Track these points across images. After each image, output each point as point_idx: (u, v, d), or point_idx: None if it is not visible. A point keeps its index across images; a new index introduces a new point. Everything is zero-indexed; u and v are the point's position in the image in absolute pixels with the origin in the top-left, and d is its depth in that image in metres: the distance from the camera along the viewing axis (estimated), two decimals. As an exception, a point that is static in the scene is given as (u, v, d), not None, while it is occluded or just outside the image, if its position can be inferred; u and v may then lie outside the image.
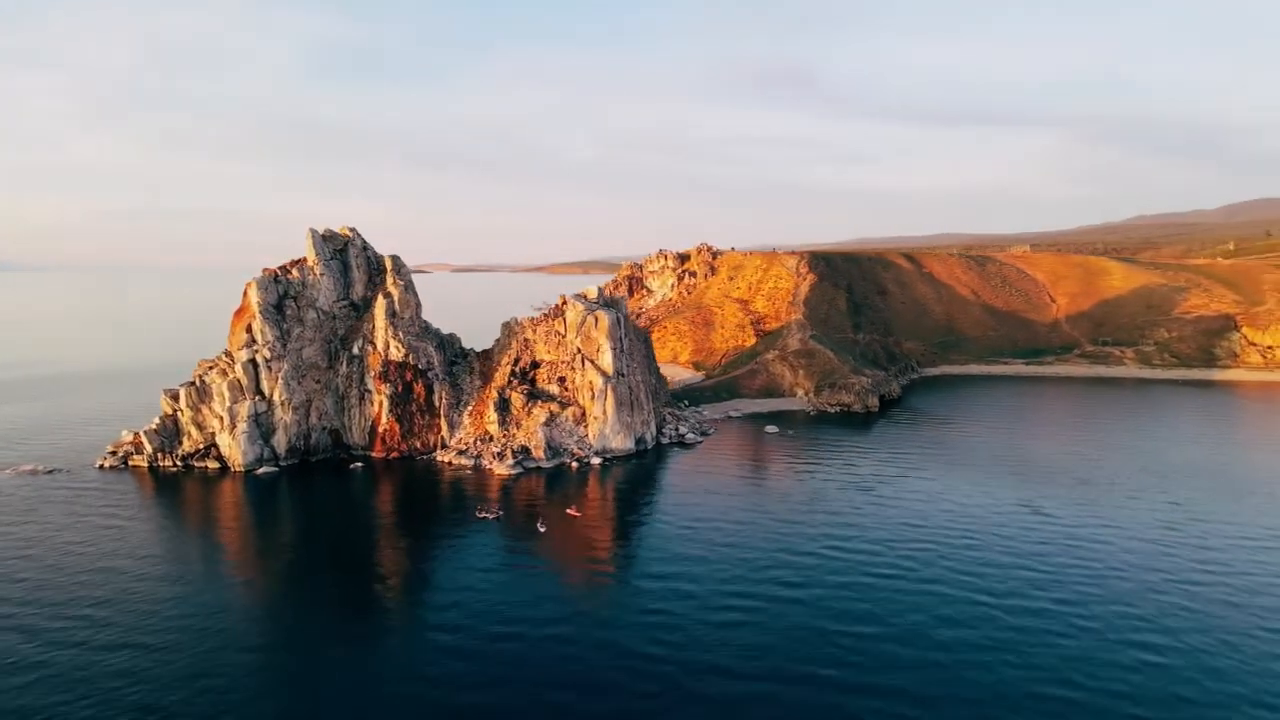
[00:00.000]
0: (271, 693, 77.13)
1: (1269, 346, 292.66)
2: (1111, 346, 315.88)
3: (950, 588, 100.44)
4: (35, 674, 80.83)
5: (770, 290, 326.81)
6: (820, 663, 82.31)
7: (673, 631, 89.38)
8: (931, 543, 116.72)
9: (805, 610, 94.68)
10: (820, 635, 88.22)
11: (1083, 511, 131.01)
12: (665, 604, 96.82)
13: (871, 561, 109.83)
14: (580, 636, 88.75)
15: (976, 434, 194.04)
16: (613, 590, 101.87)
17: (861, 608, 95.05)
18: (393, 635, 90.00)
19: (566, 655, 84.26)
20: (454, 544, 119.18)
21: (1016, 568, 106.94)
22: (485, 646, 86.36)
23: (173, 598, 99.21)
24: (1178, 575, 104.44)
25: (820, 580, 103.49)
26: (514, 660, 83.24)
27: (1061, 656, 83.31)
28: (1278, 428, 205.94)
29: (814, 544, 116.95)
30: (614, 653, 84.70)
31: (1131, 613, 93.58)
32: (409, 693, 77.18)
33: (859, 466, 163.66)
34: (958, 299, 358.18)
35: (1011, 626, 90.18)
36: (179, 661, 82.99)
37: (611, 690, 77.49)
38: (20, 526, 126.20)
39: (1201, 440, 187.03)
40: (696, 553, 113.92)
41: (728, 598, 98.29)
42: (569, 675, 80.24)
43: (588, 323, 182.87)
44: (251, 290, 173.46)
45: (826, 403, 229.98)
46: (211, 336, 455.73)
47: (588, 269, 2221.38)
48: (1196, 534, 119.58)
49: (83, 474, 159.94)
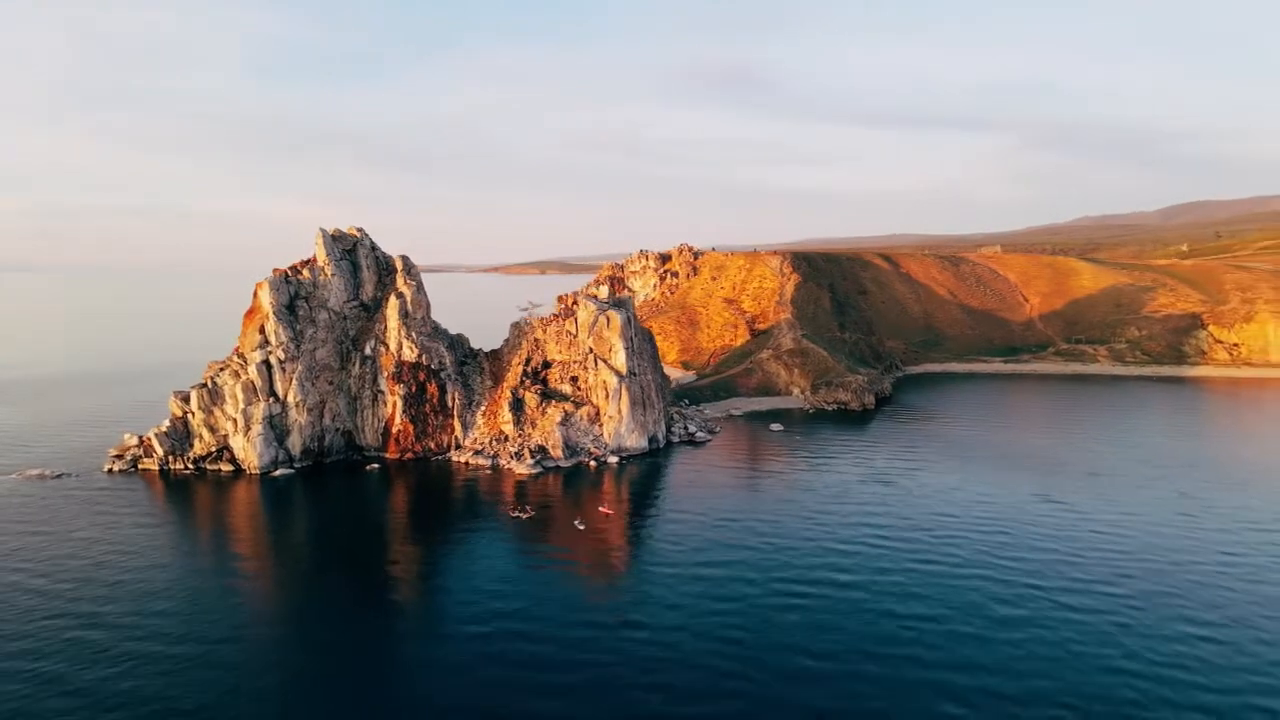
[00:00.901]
0: (327, 699, 77.39)
1: (1235, 344, 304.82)
2: (1085, 344, 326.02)
3: (999, 574, 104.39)
4: (109, 672, 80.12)
5: (755, 290, 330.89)
6: (899, 644, 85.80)
7: (748, 618, 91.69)
8: (967, 533, 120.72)
9: (867, 597, 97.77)
10: (889, 620, 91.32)
11: (1100, 502, 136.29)
12: (730, 594, 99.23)
13: (916, 551, 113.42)
14: (654, 623, 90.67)
15: (975, 430, 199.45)
16: (675, 583, 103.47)
17: (921, 594, 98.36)
18: (460, 637, 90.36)
19: (650, 645, 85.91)
20: (496, 544, 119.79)
21: (1053, 556, 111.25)
22: (563, 636, 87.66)
23: (219, 602, 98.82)
24: (1206, 559, 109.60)
25: (871, 570, 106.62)
26: (605, 650, 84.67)
27: (1120, 636, 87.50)
28: (1257, 422, 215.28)
29: (854, 535, 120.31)
30: (697, 641, 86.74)
31: (1173, 592, 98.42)
32: (507, 689, 78.15)
33: (872, 461, 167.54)
34: (935, 299, 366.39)
35: (1066, 606, 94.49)
36: (231, 666, 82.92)
37: (705, 674, 79.41)
38: (49, 533, 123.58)
39: (1190, 434, 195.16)
40: (742, 545, 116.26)
41: (789, 584, 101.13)
42: (660, 664, 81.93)
43: (600, 322, 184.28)
44: (263, 291, 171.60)
45: (824, 401, 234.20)
46: (177, 337, 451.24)
47: (544, 269, 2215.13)
48: (1214, 523, 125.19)
49: (93, 478, 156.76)
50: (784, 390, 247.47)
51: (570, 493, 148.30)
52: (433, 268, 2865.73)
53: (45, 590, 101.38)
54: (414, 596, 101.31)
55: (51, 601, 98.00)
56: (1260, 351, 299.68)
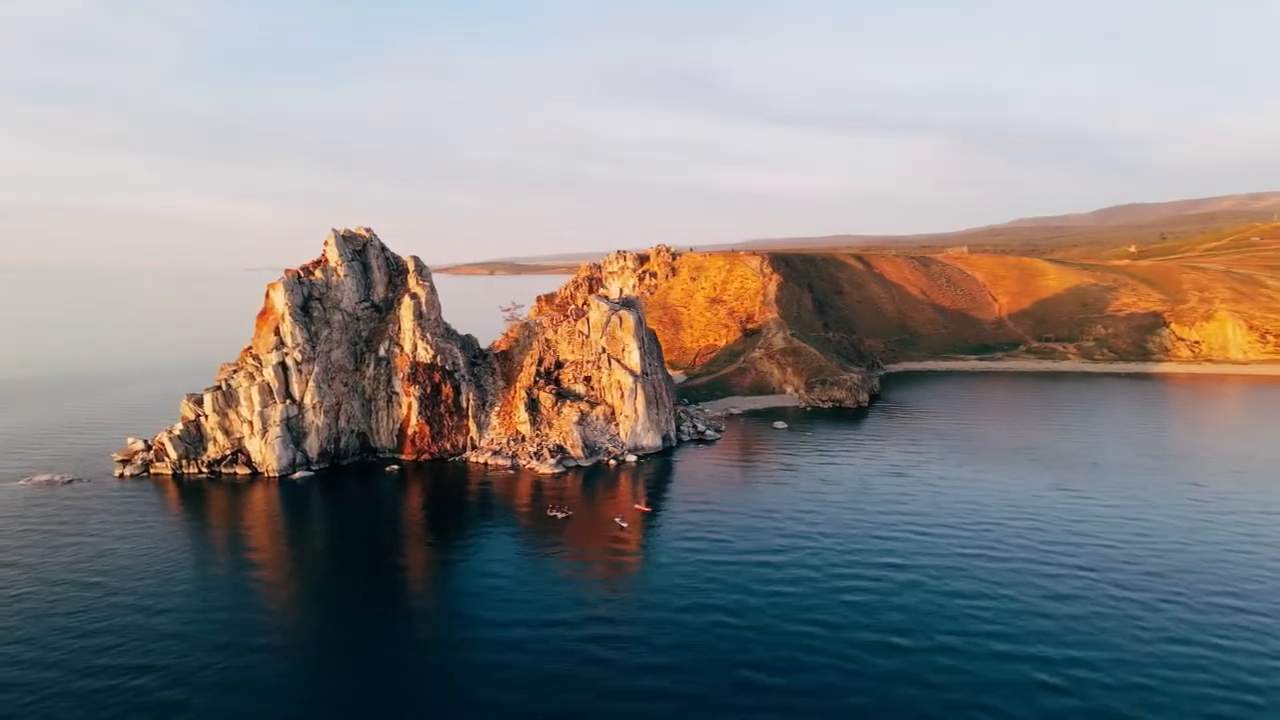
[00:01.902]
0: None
1: (1196, 341, 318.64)
2: (1055, 343, 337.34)
3: (1046, 562, 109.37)
4: (158, 679, 79.92)
5: (737, 290, 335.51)
6: (974, 623, 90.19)
7: (819, 609, 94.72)
8: (999, 523, 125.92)
9: (927, 581, 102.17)
10: (955, 605, 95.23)
11: (1115, 492, 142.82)
12: (796, 579, 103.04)
13: (956, 539, 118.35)
14: (739, 609, 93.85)
15: (969, 425, 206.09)
16: (740, 572, 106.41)
17: (979, 579, 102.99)
18: (547, 636, 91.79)
19: (736, 632, 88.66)
20: (544, 544, 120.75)
21: (1090, 544, 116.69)
22: (651, 633, 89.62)
23: (266, 606, 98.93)
24: (1230, 544, 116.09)
25: (921, 557, 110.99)
26: (694, 644, 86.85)
27: (1177, 612, 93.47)
28: (1234, 415, 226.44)
29: (893, 524, 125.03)
30: (776, 628, 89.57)
31: (1210, 575, 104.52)
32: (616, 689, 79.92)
33: (883, 456, 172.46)
34: (909, 299, 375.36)
35: (1121, 585, 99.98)
36: (281, 672, 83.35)
37: (790, 665, 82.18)
38: (81, 539, 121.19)
39: (1176, 427, 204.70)
40: (789, 538, 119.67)
41: (848, 579, 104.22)
42: (746, 652, 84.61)
43: (612, 323, 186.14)
44: (276, 292, 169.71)
45: (819, 399, 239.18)
46: (131, 340, 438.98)
47: (493, 270, 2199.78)
48: (1228, 508, 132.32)
49: (105, 483, 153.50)
50: (778, 389, 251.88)
51: (599, 491, 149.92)
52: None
53: (118, 589, 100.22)
54: (483, 596, 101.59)
55: (123, 599, 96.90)
56: (1220, 349, 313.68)
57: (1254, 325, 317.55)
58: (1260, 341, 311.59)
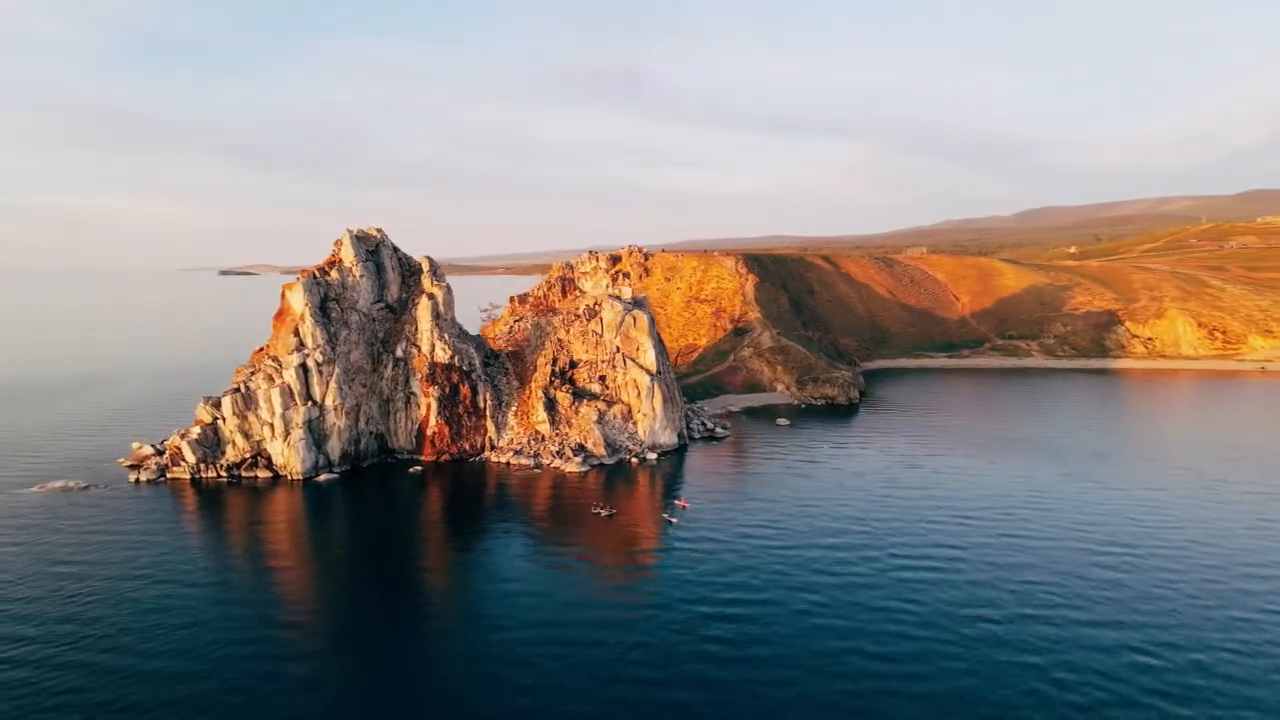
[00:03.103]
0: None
1: (1150, 338, 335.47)
2: (1018, 340, 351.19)
3: (1086, 541, 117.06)
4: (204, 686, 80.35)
5: (714, 290, 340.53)
6: (1049, 598, 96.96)
7: (900, 590, 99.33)
8: (1030, 507, 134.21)
9: (985, 563, 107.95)
10: (1022, 583, 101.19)
11: (1126, 480, 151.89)
12: (862, 562, 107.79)
13: (998, 524, 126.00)
14: (831, 594, 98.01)
15: (961, 419, 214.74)
16: (808, 560, 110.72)
17: (1034, 564, 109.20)
18: (645, 624, 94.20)
19: (831, 611, 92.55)
20: (600, 542, 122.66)
21: (1121, 524, 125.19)
22: (756, 613, 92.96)
23: (329, 611, 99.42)
24: (1247, 523, 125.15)
25: (972, 541, 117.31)
26: (797, 626, 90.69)
27: (1236, 581, 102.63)
28: (1206, 408, 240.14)
29: (934, 511, 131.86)
30: (877, 602, 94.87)
31: (1245, 547, 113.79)
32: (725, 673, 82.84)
33: (893, 450, 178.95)
34: (877, 298, 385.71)
35: (1166, 557, 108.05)
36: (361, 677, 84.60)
37: (892, 638, 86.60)
38: (120, 547, 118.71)
39: (1154, 419, 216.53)
40: (841, 520, 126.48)
41: (910, 554, 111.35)
42: (870, 621, 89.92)
43: (626, 322, 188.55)
44: (293, 293, 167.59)
45: (811, 396, 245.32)
46: (80, 340, 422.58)
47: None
48: (1233, 494, 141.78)
49: (122, 488, 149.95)
50: (768, 386, 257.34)
51: (634, 488, 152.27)
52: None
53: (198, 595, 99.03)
54: (554, 597, 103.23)
55: (205, 604, 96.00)
56: (1172, 345, 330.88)
57: (1202, 323, 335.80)
58: (1209, 338, 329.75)
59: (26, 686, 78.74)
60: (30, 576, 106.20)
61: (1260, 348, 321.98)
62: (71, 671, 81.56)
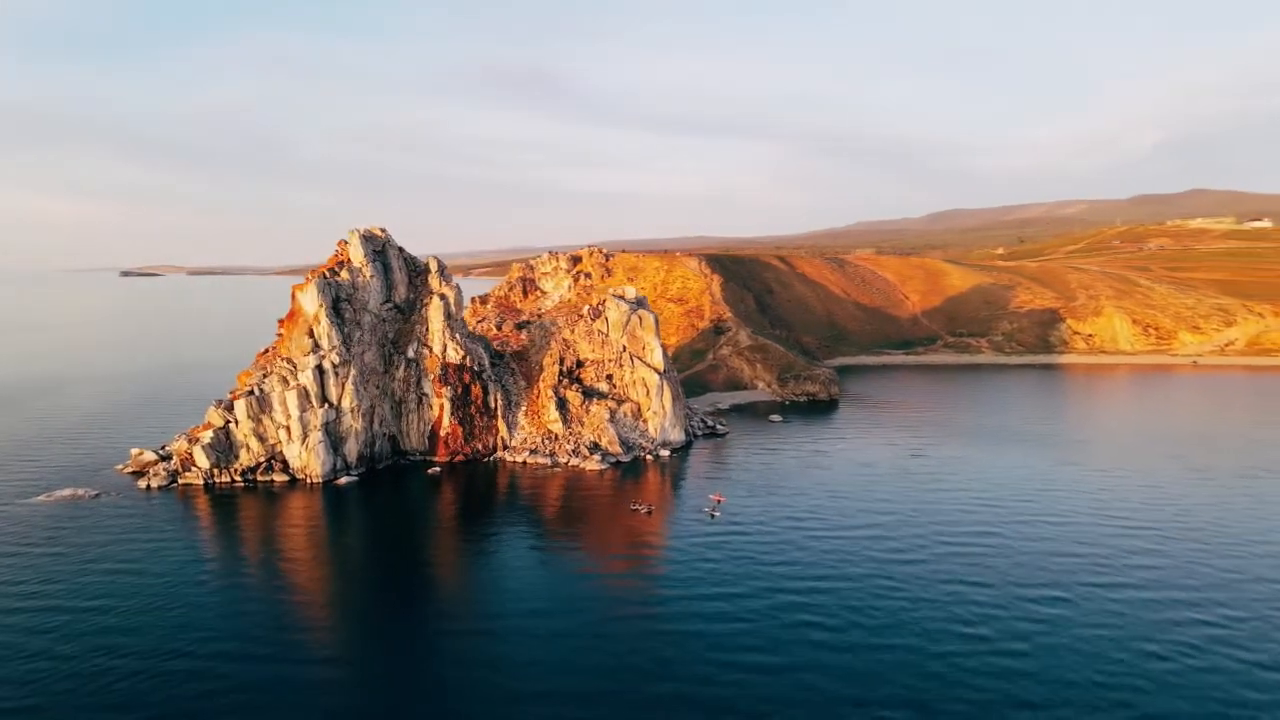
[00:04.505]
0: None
1: (1090, 335, 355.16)
2: (969, 337, 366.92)
3: (1106, 521, 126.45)
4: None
5: (679, 290, 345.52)
6: (1109, 574, 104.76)
7: (952, 571, 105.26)
8: (1043, 491, 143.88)
9: (1029, 545, 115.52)
10: (1061, 560, 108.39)
11: (1120, 466, 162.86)
12: (908, 548, 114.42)
13: (1020, 508, 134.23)
14: (895, 570, 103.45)
15: (940, 413, 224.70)
16: (866, 545, 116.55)
17: (1086, 542, 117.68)
18: (692, 619, 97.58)
19: (899, 589, 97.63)
20: (648, 539, 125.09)
21: (1119, 503, 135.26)
22: (843, 591, 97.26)
23: (381, 617, 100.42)
24: (1235, 499, 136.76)
25: (1009, 527, 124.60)
26: (868, 598, 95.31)
27: (1217, 546, 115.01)
28: (1155, 399, 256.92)
29: (958, 499, 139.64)
30: (946, 584, 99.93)
31: (1260, 525, 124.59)
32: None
33: (896, 441, 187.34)
34: (833, 297, 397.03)
35: (1194, 534, 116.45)
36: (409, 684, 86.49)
37: (980, 614, 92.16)
38: (169, 552, 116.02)
39: (1127, 412, 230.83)
40: (876, 511, 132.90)
41: (958, 542, 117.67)
42: (956, 599, 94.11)
43: (632, 322, 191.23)
44: (305, 294, 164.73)
45: (793, 393, 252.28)
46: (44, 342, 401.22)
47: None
48: (1224, 478, 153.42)
49: (134, 496, 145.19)
50: (749, 384, 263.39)
51: (659, 485, 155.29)
52: (218, 269, 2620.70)
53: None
54: (622, 595, 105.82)
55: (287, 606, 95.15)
56: (1111, 341, 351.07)
57: (1137, 320, 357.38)
58: (1144, 334, 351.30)
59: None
60: (90, 583, 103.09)
61: (1189, 343, 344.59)
62: (241, 694, 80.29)
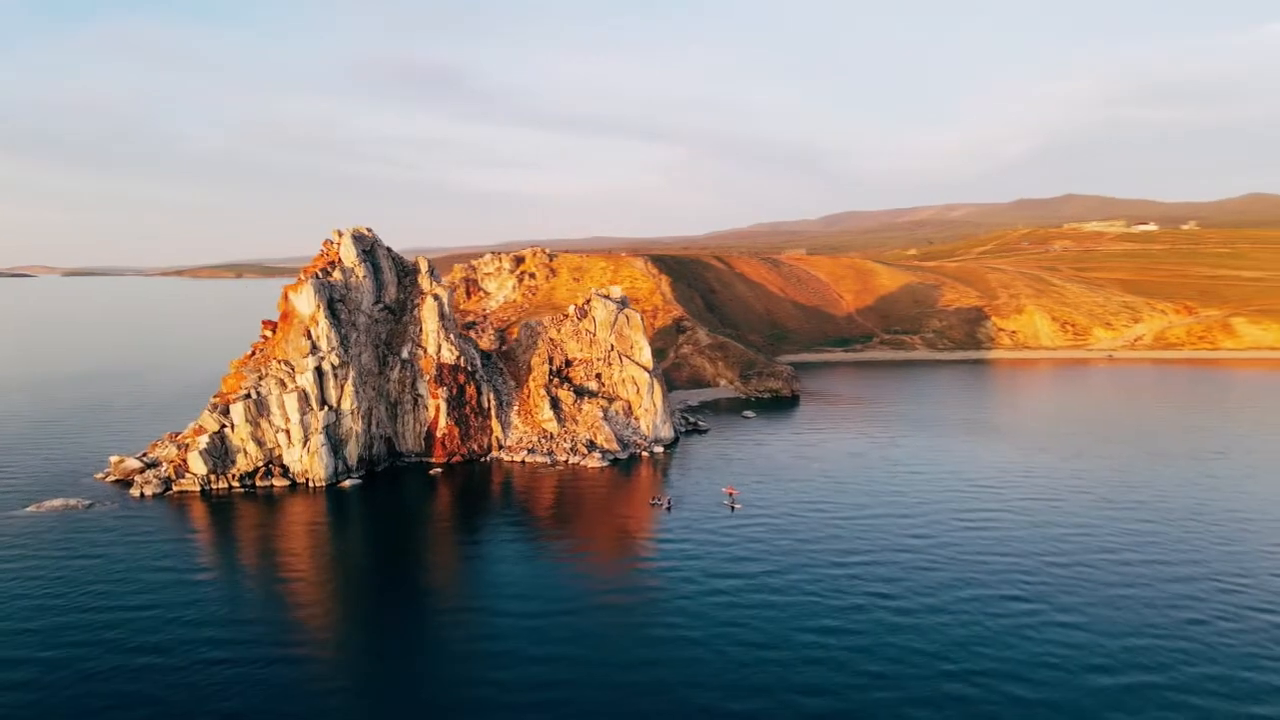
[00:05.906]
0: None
1: (1013, 331, 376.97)
2: (903, 335, 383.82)
3: (1105, 505, 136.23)
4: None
5: (629, 290, 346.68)
6: (1141, 552, 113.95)
7: (980, 546, 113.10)
8: (1027, 478, 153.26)
9: (1041, 524, 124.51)
10: (1076, 540, 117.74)
11: (1092, 454, 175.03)
12: (934, 533, 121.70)
13: (1016, 491, 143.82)
14: (930, 549, 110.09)
15: (900, 406, 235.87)
16: (888, 525, 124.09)
17: (1095, 525, 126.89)
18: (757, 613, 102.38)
19: (949, 565, 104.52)
20: (680, 532, 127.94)
21: (1099, 486, 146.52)
22: (887, 566, 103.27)
23: (418, 625, 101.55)
24: (1195, 480, 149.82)
25: (1015, 502, 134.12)
26: (912, 573, 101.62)
27: (1185, 525, 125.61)
28: (1108, 393, 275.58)
29: (953, 484, 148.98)
30: (971, 560, 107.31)
31: (1223, 501, 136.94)
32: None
33: (870, 433, 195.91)
34: (772, 296, 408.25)
35: (1199, 516, 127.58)
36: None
37: (1018, 580, 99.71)
38: (188, 558, 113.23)
39: (1076, 403, 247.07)
40: (884, 495, 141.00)
41: (975, 520, 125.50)
42: (1016, 574, 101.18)
43: (620, 321, 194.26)
44: (300, 295, 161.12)
45: (756, 390, 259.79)
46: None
47: (241, 272, 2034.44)
48: (1208, 469, 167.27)
49: (127, 504, 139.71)
50: (711, 382, 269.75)
51: (665, 480, 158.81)
52: (96, 270, 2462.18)
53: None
54: (669, 591, 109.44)
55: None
56: (1033, 338, 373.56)
57: (1055, 317, 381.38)
58: (1062, 331, 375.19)
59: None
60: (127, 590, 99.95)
61: (1103, 339, 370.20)
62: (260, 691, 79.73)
